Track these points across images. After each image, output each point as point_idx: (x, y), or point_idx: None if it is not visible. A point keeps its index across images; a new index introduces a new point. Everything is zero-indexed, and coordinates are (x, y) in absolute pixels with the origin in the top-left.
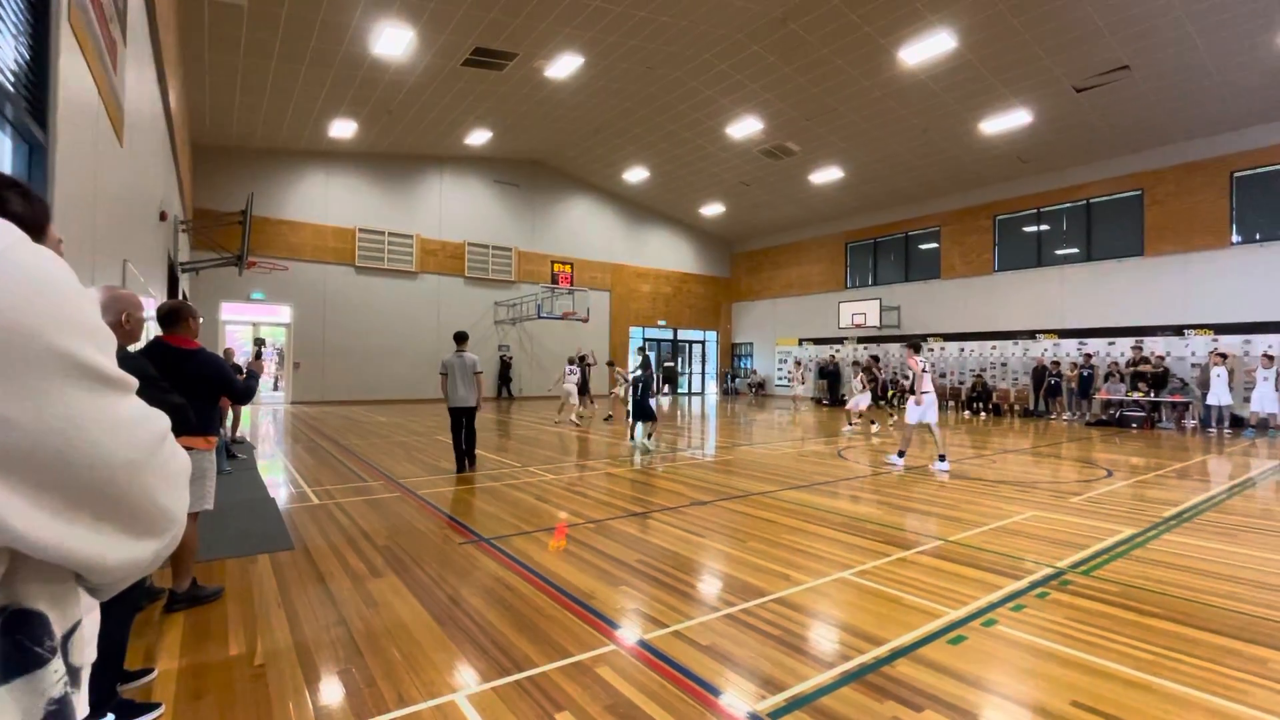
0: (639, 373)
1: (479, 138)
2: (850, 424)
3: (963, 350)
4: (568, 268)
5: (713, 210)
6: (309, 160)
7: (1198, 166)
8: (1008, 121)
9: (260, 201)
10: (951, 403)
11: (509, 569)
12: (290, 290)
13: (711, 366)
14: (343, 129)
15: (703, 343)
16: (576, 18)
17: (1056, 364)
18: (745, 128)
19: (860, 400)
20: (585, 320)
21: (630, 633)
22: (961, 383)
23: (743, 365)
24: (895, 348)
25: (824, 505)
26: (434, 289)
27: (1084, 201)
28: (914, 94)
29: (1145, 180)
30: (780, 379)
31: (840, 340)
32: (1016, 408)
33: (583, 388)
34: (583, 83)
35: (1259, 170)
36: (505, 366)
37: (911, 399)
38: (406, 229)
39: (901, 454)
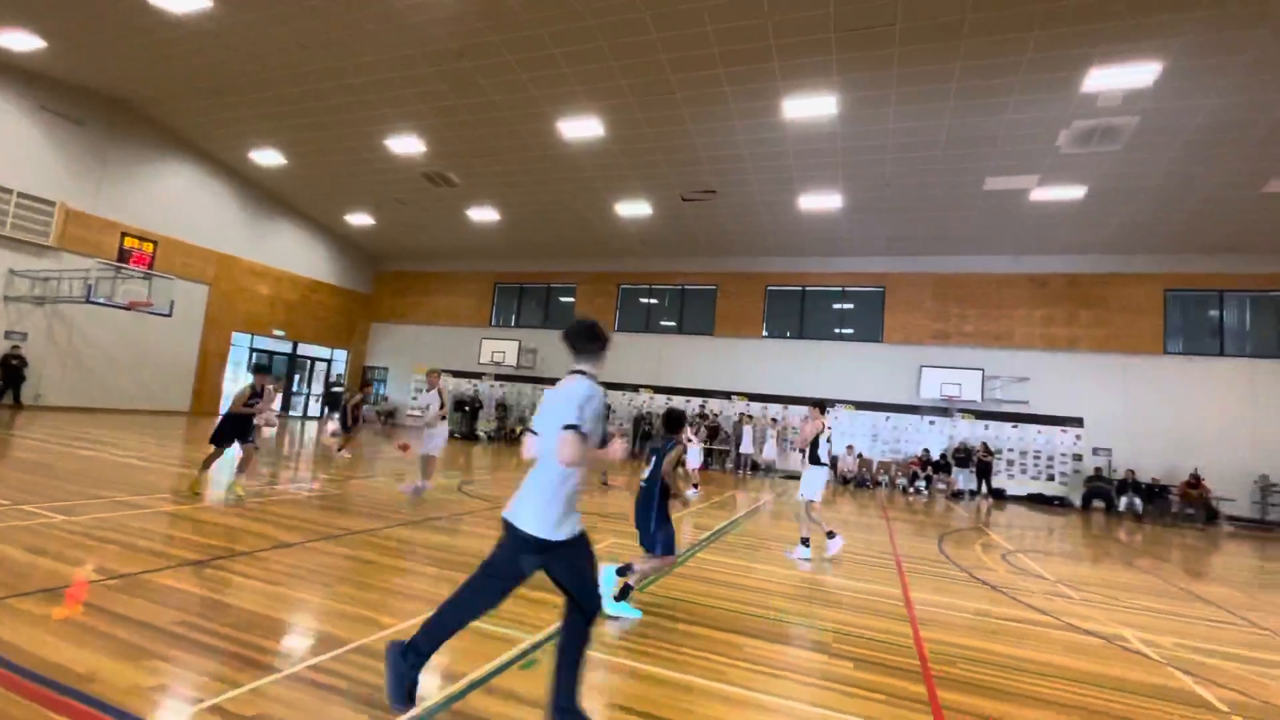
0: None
1: (21, 41)
2: (693, 487)
3: None
4: (148, 246)
5: (360, 220)
6: None
7: (748, 276)
8: (635, 209)
9: None
10: None
11: None
12: None
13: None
14: None
15: (329, 361)
16: None
17: (650, 414)
18: (407, 145)
19: (694, 457)
20: (167, 315)
21: (141, 718)
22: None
23: (375, 391)
24: (529, 388)
25: (433, 541)
26: None
27: (681, 286)
28: (568, 163)
29: (719, 279)
30: (413, 409)
31: (479, 375)
32: None
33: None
34: (208, 29)
35: (782, 287)
36: (14, 366)
37: (810, 470)
38: None
39: (806, 542)
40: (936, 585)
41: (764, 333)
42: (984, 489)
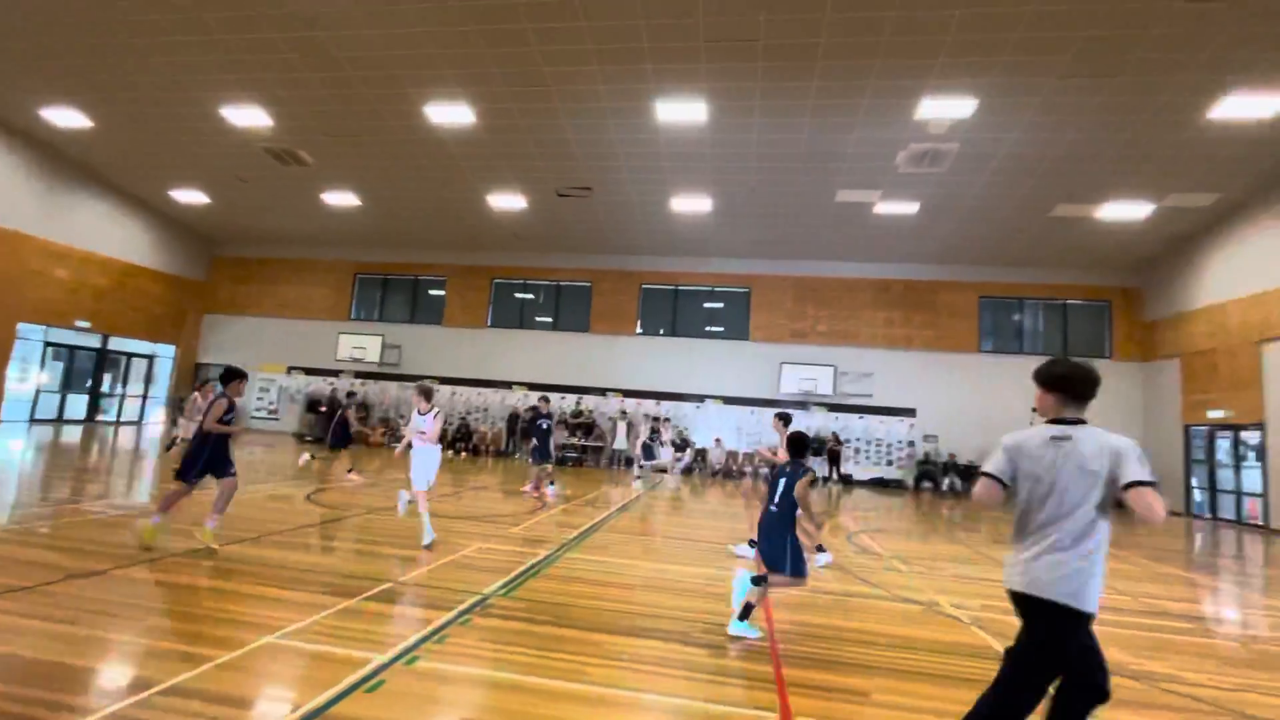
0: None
1: None
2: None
3: (454, 394)
4: None
5: (191, 197)
6: None
7: (624, 274)
8: (509, 202)
9: None
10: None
11: None
12: None
13: (162, 389)
14: None
15: (151, 358)
16: None
17: (528, 410)
18: (249, 117)
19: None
20: None
21: None
22: (449, 424)
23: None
24: (393, 386)
25: (270, 559)
26: None
27: (556, 282)
28: (436, 149)
29: (594, 275)
30: (259, 410)
31: (337, 373)
32: (492, 448)
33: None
34: None
35: (656, 286)
36: None
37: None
38: None
39: (820, 548)
40: None
41: (638, 330)
42: (835, 475)
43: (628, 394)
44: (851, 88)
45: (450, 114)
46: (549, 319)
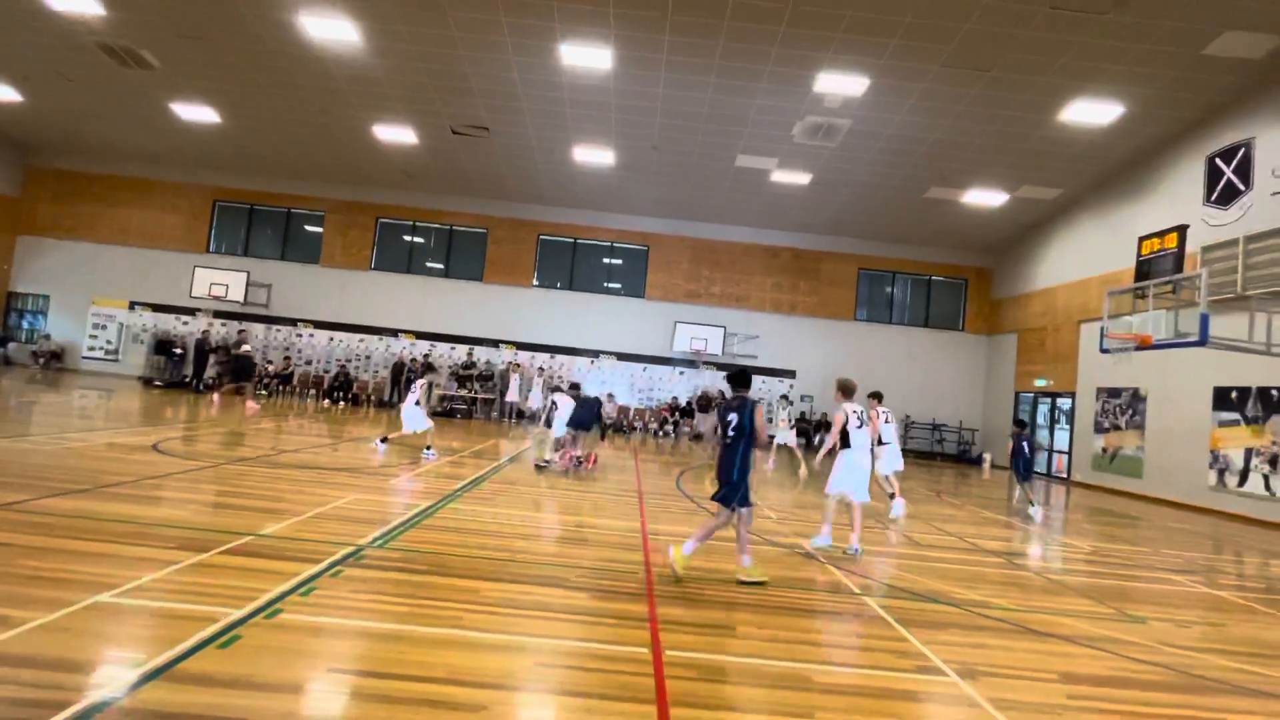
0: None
1: None
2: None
3: (332, 340)
4: None
5: None
6: None
7: (521, 223)
8: (397, 135)
9: None
10: (313, 391)
11: None
12: None
13: None
14: None
15: None
16: None
17: (414, 360)
18: (73, 0)
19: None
20: None
21: None
22: (326, 371)
23: (29, 325)
24: (260, 328)
25: (108, 513)
26: None
27: (449, 226)
28: (315, 69)
29: (490, 222)
30: (92, 350)
31: (192, 311)
32: (373, 398)
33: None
34: None
35: (555, 238)
36: None
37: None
38: None
39: (892, 496)
40: (670, 517)
41: (535, 282)
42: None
43: (521, 347)
44: (756, 52)
45: (330, 29)
46: (440, 265)
